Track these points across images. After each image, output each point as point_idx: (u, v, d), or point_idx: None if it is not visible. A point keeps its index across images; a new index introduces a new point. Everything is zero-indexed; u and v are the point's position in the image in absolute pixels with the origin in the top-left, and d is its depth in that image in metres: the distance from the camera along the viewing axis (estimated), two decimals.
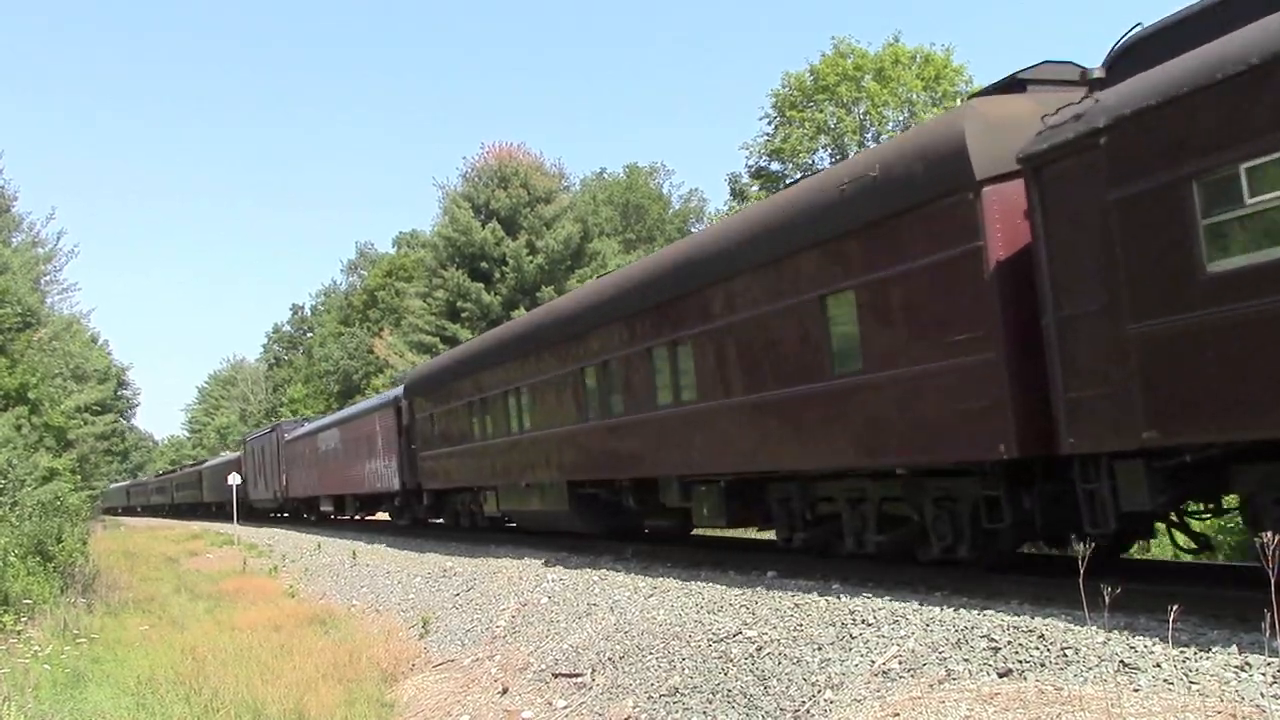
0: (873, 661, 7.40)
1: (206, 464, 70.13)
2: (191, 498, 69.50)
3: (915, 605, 8.44)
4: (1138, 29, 7.97)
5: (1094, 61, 8.61)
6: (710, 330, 12.07)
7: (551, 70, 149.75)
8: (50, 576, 17.77)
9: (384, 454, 26.90)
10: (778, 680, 7.74)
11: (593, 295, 16.35)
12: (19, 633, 13.87)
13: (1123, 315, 7.14)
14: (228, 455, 68.32)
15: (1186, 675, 5.75)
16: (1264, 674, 5.57)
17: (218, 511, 62.91)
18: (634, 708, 8.54)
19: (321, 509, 38.93)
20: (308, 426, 39.56)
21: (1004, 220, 8.12)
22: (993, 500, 8.80)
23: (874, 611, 8.41)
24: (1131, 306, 7.07)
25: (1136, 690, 5.68)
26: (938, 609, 8.18)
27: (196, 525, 57.21)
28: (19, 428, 27.29)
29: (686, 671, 8.68)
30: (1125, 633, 6.57)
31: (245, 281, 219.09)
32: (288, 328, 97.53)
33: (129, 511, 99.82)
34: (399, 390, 26.62)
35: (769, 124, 34.42)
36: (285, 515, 48.81)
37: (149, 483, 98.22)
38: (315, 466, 36.57)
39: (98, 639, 14.93)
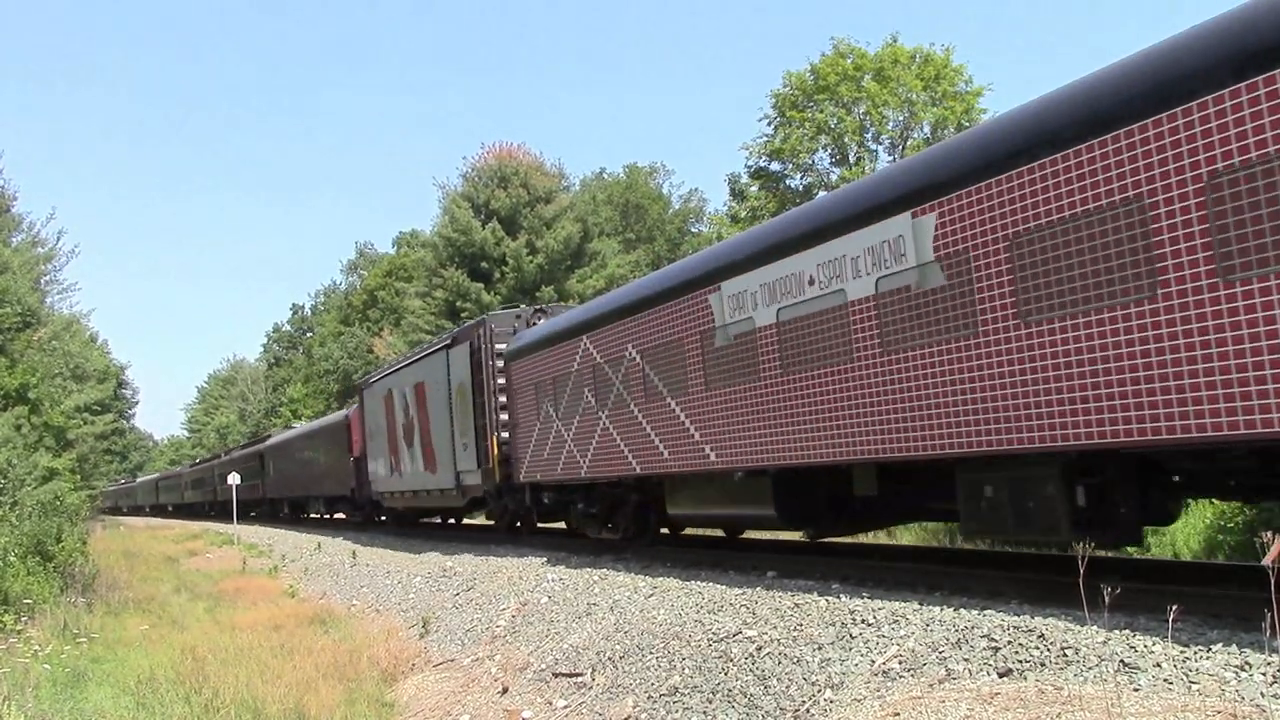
0: (873, 661, 7.40)
1: (272, 440, 46.67)
2: (245, 493, 48.54)
3: (915, 605, 8.45)
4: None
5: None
6: None
7: (551, 70, 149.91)
8: (50, 576, 17.77)
9: None
10: (778, 680, 7.74)
11: None
12: (19, 632, 13.88)
13: None
14: (300, 426, 45.95)
15: (1186, 675, 5.75)
16: (1264, 674, 5.57)
17: (292, 513, 43.52)
18: (634, 707, 8.54)
19: (709, 511, 13.68)
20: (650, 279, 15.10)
21: None
22: None
23: (874, 611, 8.41)
24: None
25: (1136, 690, 5.68)
26: (938, 609, 8.19)
27: (197, 525, 56.67)
28: (19, 427, 27.25)
29: (686, 671, 8.67)
30: (1125, 632, 6.57)
31: (245, 281, 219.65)
32: (288, 328, 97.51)
33: (158, 511, 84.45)
34: None
35: (769, 124, 34.41)
36: (477, 521, 27.55)
37: (183, 475, 76.30)
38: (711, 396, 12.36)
39: (98, 639, 14.93)
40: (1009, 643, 6.88)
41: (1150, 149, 6.91)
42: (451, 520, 29.37)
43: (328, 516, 40.43)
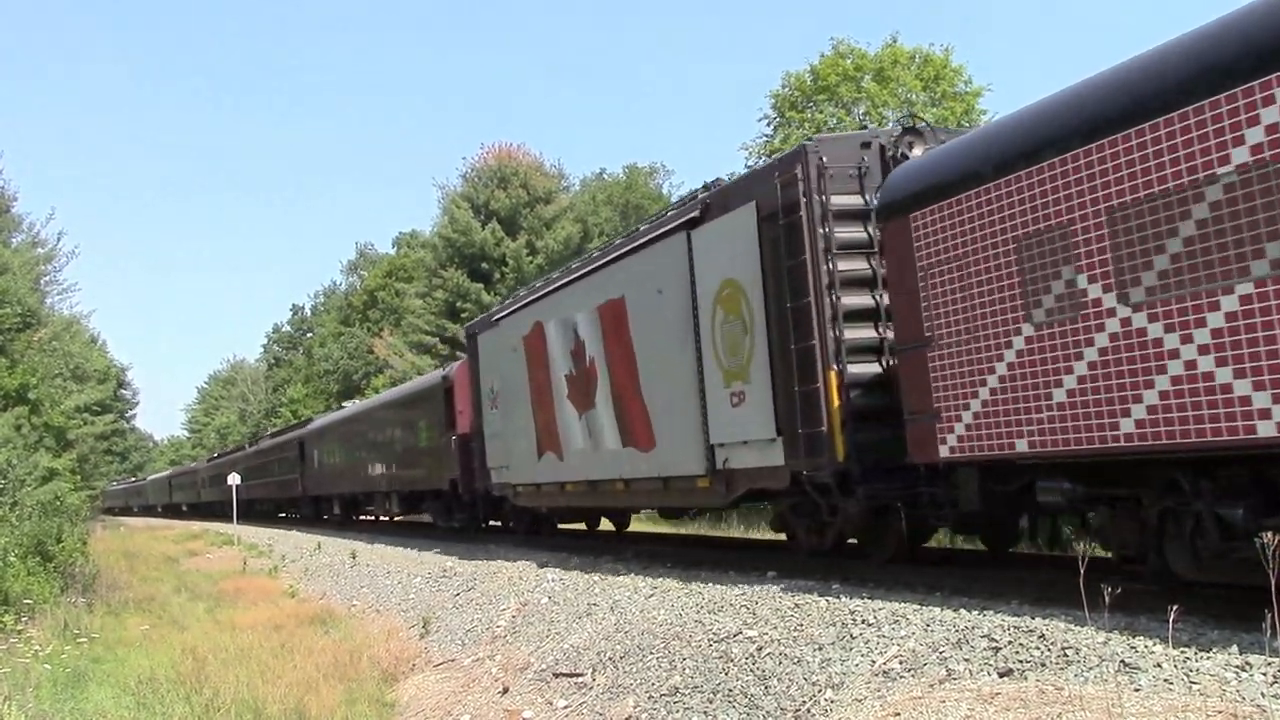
0: (873, 661, 7.40)
1: (318, 422, 36.84)
2: (280, 491, 41.65)
3: (915, 605, 8.45)
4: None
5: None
6: None
7: (551, 70, 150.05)
8: (50, 576, 17.79)
9: None
10: (778, 680, 7.74)
11: None
12: (19, 632, 13.89)
13: None
14: (355, 404, 35.81)
15: (1187, 675, 5.76)
16: (1264, 674, 5.58)
17: (344, 515, 33.64)
18: (634, 707, 8.55)
19: None
20: None
21: None
22: None
23: (874, 611, 8.42)
24: None
25: (1137, 690, 5.68)
26: (938, 609, 8.19)
27: (197, 526, 56.58)
28: (19, 428, 27.28)
29: (687, 671, 8.68)
30: (1125, 633, 6.58)
31: (245, 281, 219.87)
32: (288, 328, 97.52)
33: (171, 510, 78.67)
34: None
35: (768, 125, 34.41)
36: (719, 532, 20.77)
37: (199, 470, 67.36)
38: None
39: (98, 639, 14.94)
40: (1009, 643, 6.89)
41: None
42: (612, 527, 19.59)
43: (386, 519, 30.96)
